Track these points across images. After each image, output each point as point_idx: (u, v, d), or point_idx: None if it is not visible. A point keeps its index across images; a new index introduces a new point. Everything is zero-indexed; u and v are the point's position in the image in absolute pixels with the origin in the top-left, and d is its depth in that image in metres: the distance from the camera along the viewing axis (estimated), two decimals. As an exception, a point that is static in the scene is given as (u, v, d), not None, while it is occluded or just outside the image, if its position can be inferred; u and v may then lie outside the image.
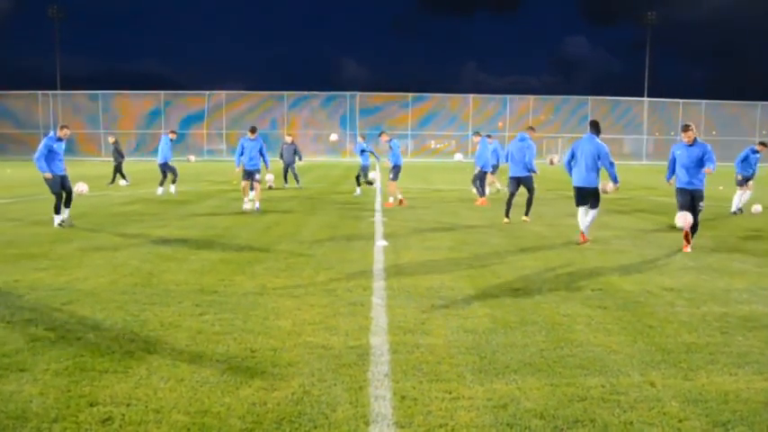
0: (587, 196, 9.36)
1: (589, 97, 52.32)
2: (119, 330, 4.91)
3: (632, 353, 4.55)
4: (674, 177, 9.22)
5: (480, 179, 15.63)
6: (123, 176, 20.80)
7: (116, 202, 14.90)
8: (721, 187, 20.30)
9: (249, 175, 13.51)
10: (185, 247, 8.75)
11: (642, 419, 3.46)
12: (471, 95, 52.84)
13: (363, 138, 18.92)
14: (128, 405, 3.56)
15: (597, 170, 9.31)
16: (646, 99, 53.54)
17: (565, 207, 14.56)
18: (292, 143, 20.22)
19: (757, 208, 13.81)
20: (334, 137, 27.67)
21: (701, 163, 8.75)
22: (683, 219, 8.78)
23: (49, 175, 10.60)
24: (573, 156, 9.46)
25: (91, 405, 3.55)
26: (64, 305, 5.62)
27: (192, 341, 4.67)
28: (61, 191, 10.76)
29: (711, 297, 6.20)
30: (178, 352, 4.44)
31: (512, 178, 11.77)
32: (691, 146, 8.82)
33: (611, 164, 9.24)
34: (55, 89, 52.24)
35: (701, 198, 8.86)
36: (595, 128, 9.46)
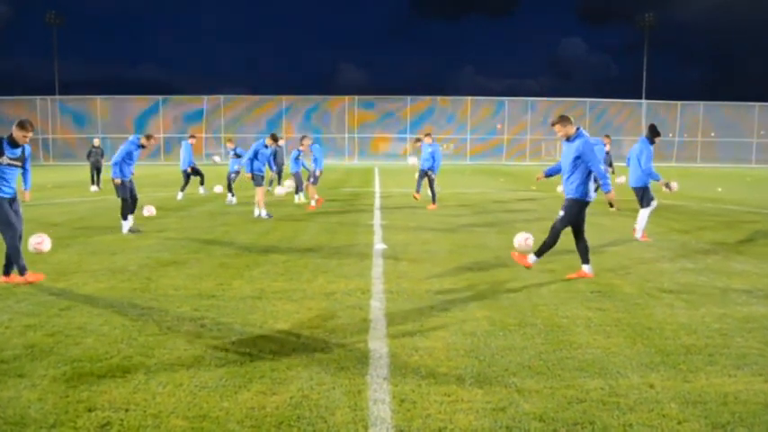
0: (636, 195, 10.01)
1: (587, 99, 52.42)
2: (117, 335, 4.90)
3: (631, 355, 4.55)
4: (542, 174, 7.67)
5: (430, 180, 15.03)
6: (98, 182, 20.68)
7: (114, 207, 14.88)
8: (720, 189, 20.33)
9: (262, 179, 12.73)
10: (183, 251, 8.75)
11: (641, 421, 3.46)
12: (469, 98, 52.94)
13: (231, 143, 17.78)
14: (126, 410, 3.55)
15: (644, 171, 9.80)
16: (644, 101, 53.64)
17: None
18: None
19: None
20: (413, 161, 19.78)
21: (576, 165, 6.91)
22: (521, 240, 7.65)
23: (119, 180, 10.50)
24: (629, 159, 10.15)
25: (89, 410, 3.55)
26: (62, 310, 5.61)
27: (191, 346, 4.67)
28: (128, 196, 10.62)
29: (710, 298, 6.20)
30: (176, 357, 4.43)
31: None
32: (568, 141, 7.02)
33: (643, 164, 9.73)
34: (53, 94, 52.26)
35: (569, 207, 7.01)
36: (650, 131, 9.98)
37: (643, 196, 9.91)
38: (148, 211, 12.43)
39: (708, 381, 4.06)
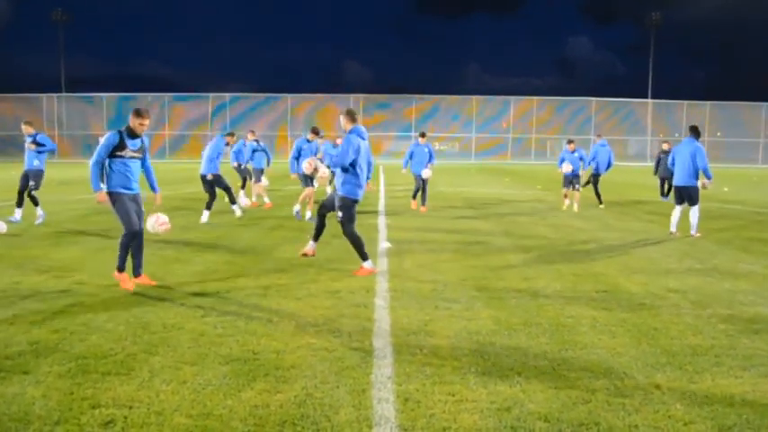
0: (686, 194, 10.38)
1: (593, 99, 52.25)
2: (121, 332, 4.91)
3: (637, 355, 4.52)
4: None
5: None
6: None
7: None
8: (726, 189, 20.23)
9: (309, 179, 11.66)
10: (188, 249, 8.75)
11: (647, 423, 3.43)
12: (475, 97, 52.84)
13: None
14: (130, 407, 3.55)
15: (696, 170, 10.30)
16: (650, 101, 53.43)
17: (568, 208, 14.52)
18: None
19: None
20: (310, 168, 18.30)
21: None
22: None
23: (211, 176, 11.71)
24: (674, 159, 10.62)
25: (93, 407, 3.55)
26: (67, 307, 5.62)
27: (195, 343, 4.66)
28: (218, 188, 11.91)
29: (716, 299, 6.17)
30: (180, 354, 4.43)
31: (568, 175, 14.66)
32: None
33: (701, 163, 10.31)
34: (59, 91, 52.44)
35: (341, 206, 7.20)
36: (695, 132, 10.55)
37: (695, 195, 10.33)
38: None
39: (714, 382, 4.03)
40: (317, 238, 7.80)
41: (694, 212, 10.33)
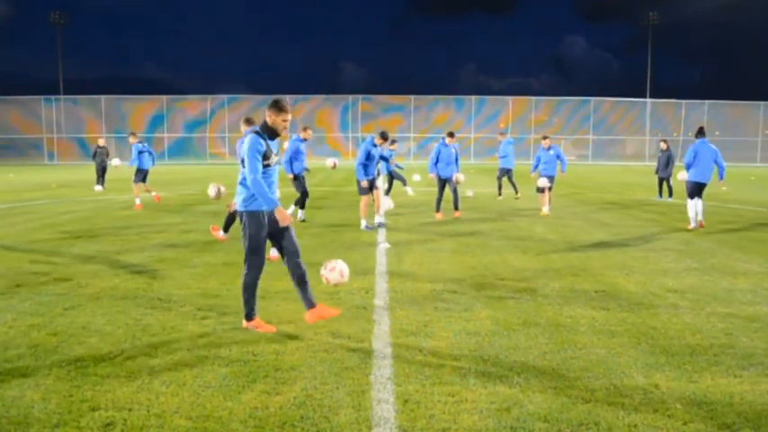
0: (702, 189, 11.27)
1: (591, 98, 52.28)
2: (120, 335, 4.91)
3: (636, 355, 4.53)
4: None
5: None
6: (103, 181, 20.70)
7: (117, 207, 14.92)
8: (725, 188, 20.23)
9: (371, 185, 11.13)
10: (187, 251, 8.75)
11: (646, 422, 3.44)
12: (473, 97, 52.87)
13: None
14: (129, 410, 3.55)
15: (713, 169, 11.23)
16: (648, 100, 53.46)
17: (566, 208, 14.54)
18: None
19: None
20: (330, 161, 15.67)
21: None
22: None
23: (292, 176, 11.56)
24: (695, 157, 11.26)
25: (93, 410, 3.55)
26: (66, 310, 5.61)
27: (194, 345, 4.66)
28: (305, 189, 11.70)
29: (715, 298, 6.17)
30: (180, 356, 4.43)
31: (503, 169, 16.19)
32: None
33: (722, 162, 11.39)
34: (57, 94, 52.37)
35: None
36: (704, 133, 11.48)
37: (703, 190, 11.31)
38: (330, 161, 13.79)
39: (713, 381, 4.04)
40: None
41: (701, 206, 11.23)
